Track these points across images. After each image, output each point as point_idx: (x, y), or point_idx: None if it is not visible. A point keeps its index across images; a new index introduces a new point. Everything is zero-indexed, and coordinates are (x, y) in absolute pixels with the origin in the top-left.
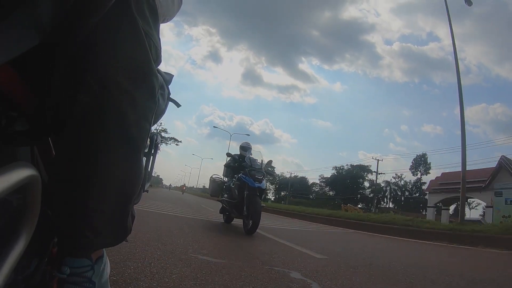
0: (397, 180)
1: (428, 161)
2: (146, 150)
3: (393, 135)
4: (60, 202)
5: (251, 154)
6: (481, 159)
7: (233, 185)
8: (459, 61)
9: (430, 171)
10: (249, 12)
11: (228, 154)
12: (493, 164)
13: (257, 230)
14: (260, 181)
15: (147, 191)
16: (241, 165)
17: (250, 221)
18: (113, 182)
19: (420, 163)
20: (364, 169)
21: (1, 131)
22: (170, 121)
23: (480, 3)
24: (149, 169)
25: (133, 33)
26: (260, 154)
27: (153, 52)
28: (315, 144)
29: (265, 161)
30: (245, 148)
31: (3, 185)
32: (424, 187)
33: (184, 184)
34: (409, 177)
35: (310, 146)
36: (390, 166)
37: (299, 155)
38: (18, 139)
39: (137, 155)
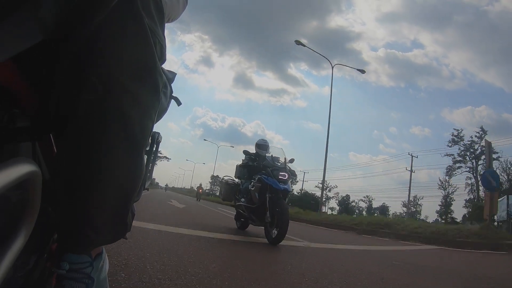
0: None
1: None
2: (147, 149)
3: (382, 137)
4: (61, 199)
5: (270, 153)
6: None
7: (252, 187)
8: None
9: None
10: (240, 21)
11: (246, 152)
12: None
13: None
14: (286, 182)
15: (147, 189)
16: (260, 165)
17: (275, 229)
18: (114, 179)
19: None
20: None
21: (3, 127)
22: (164, 123)
23: (462, 12)
24: (149, 167)
25: (138, 30)
26: (282, 151)
27: (157, 50)
28: (306, 146)
29: (288, 160)
30: (262, 146)
31: (3, 180)
32: None
33: (201, 184)
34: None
35: (302, 148)
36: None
37: (291, 156)
38: (20, 136)
39: (139, 153)
